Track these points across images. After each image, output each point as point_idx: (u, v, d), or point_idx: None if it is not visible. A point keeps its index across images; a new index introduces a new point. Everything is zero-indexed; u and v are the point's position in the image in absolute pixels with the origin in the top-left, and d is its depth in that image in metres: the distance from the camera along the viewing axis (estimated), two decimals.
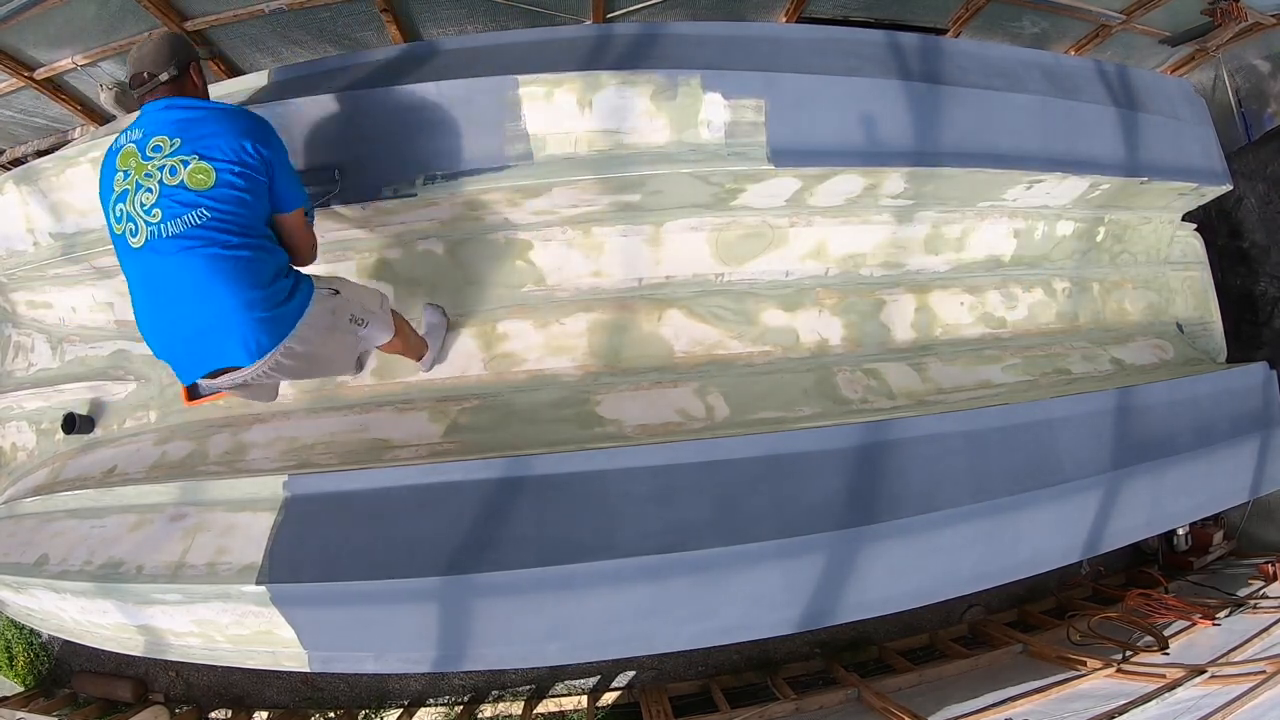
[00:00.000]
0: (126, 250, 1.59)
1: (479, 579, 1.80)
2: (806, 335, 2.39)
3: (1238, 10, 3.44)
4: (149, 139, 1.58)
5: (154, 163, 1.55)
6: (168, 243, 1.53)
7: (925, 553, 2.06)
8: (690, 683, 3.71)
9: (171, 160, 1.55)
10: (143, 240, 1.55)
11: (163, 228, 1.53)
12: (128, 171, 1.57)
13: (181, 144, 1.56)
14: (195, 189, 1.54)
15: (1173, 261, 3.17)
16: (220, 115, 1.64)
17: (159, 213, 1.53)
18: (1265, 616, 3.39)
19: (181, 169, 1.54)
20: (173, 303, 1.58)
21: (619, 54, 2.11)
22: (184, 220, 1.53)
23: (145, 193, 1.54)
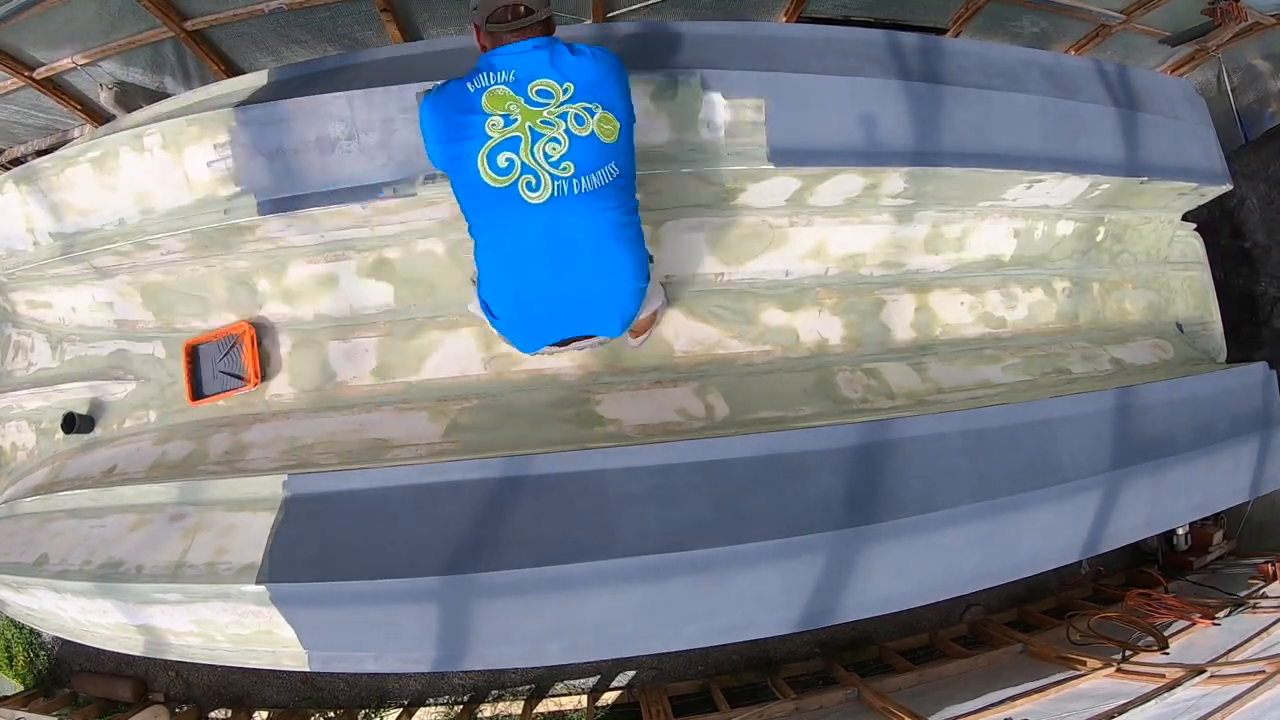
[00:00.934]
0: (514, 204, 1.41)
1: (479, 578, 1.80)
2: (806, 335, 2.39)
3: (1238, 10, 3.44)
4: (528, 82, 1.40)
5: (548, 109, 1.39)
6: (581, 200, 1.40)
7: (925, 552, 2.06)
8: (690, 682, 3.72)
9: (573, 108, 1.40)
10: (547, 195, 1.40)
11: (576, 183, 1.39)
12: (509, 116, 1.39)
13: (576, 90, 1.40)
14: (607, 141, 1.41)
15: (1173, 261, 3.17)
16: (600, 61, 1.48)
17: (571, 165, 1.39)
18: (1265, 616, 3.39)
19: (589, 118, 1.40)
20: (567, 264, 1.46)
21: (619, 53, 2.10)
22: (600, 176, 1.41)
23: (550, 143, 1.39)
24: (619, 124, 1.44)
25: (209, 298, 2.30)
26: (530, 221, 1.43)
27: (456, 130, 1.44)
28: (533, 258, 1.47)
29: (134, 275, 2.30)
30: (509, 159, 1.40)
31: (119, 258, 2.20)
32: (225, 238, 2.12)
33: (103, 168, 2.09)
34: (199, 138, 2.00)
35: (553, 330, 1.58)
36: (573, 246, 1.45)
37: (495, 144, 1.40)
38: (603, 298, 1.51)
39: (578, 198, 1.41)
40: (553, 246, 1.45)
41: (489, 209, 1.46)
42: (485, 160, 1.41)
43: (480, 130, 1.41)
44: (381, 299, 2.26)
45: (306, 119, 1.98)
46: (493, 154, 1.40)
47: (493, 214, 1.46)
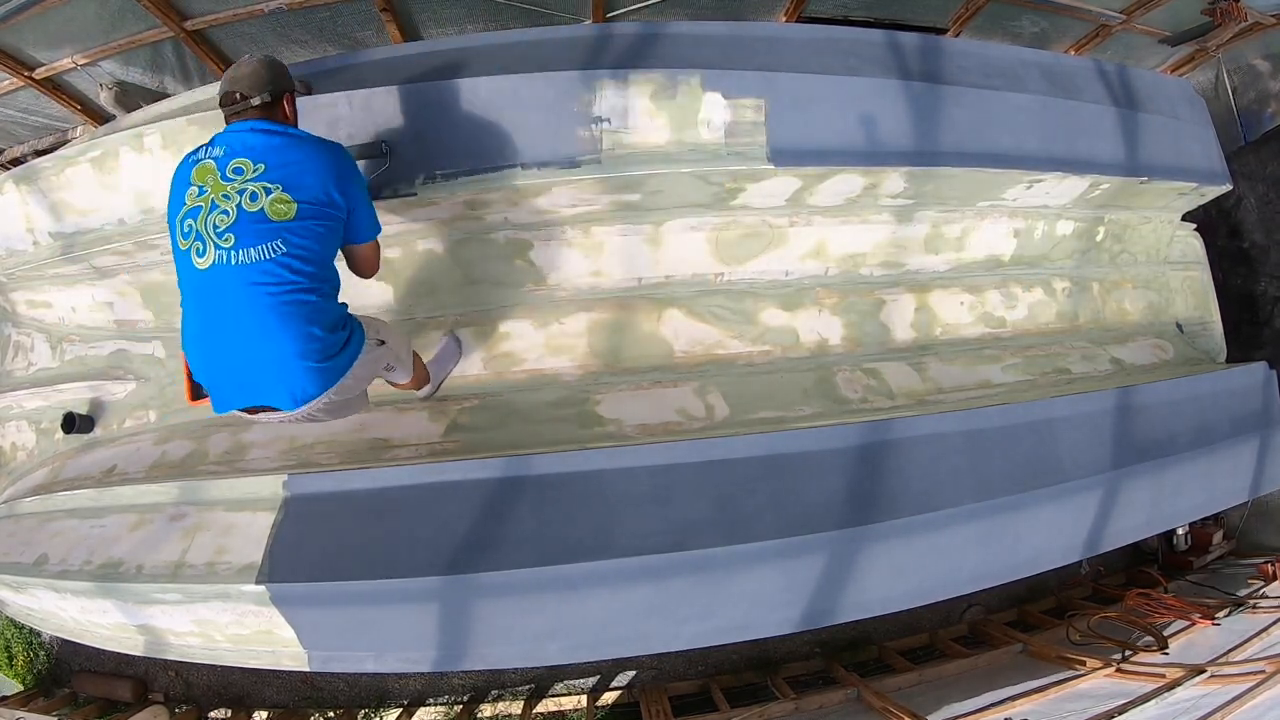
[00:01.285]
0: (189, 268, 1.53)
1: (479, 578, 1.80)
2: (806, 335, 2.39)
3: (1238, 10, 3.43)
4: (230, 159, 1.54)
5: (234, 185, 1.51)
6: (237, 271, 1.48)
7: (925, 552, 2.06)
8: (690, 682, 3.71)
9: (253, 185, 1.50)
10: (209, 263, 1.50)
11: (234, 254, 1.48)
12: (203, 188, 1.53)
13: (265, 170, 1.52)
14: (275, 219, 1.49)
15: (1173, 261, 3.17)
16: (307, 147, 1.60)
17: (232, 238, 1.48)
18: (1265, 616, 3.39)
19: (263, 196, 1.50)
20: (228, 333, 1.53)
21: (619, 53, 2.11)
22: (259, 251, 1.48)
23: (220, 214, 1.49)
24: (295, 205, 1.52)
25: None
26: (196, 285, 1.55)
27: (174, 196, 1.60)
28: (197, 318, 1.58)
29: (134, 275, 2.30)
30: (189, 226, 1.53)
31: (119, 257, 2.20)
32: None
33: (103, 168, 2.09)
34: (199, 137, 1.99)
35: (222, 390, 1.62)
36: (229, 314, 1.52)
37: (186, 211, 1.55)
38: (258, 369, 1.55)
39: (234, 269, 1.49)
40: (210, 310, 1.55)
41: (179, 268, 1.59)
42: (179, 225, 1.55)
43: (181, 197, 1.57)
44: (382, 299, 2.26)
45: (306, 119, 1.98)
46: (183, 220, 1.55)
47: (180, 273, 1.59)
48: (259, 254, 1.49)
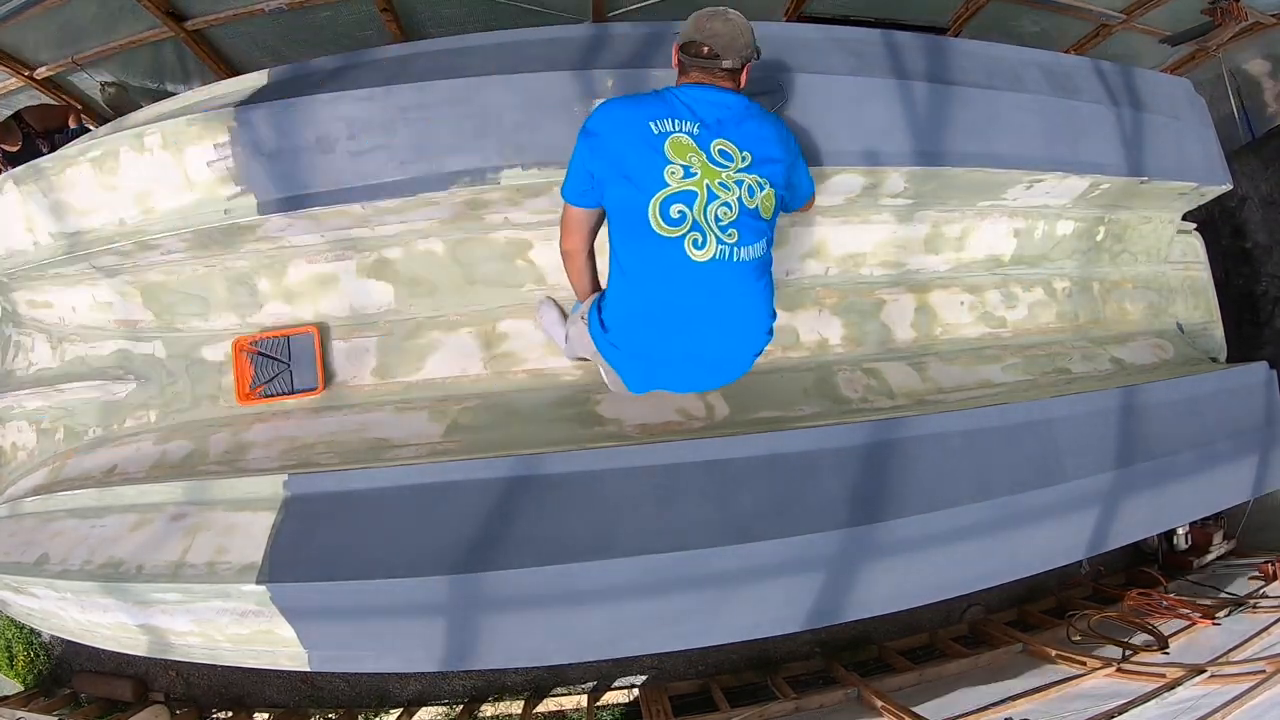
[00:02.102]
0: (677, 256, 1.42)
1: (479, 578, 1.80)
2: (806, 334, 2.39)
3: (1238, 10, 3.44)
4: (712, 138, 1.42)
5: (728, 173, 1.41)
6: (738, 267, 1.43)
7: (925, 552, 2.06)
8: (690, 682, 3.72)
9: (749, 178, 1.43)
10: (709, 255, 1.41)
11: (737, 251, 1.42)
12: (689, 169, 1.40)
13: (753, 161, 1.44)
14: (765, 217, 1.45)
15: (1173, 261, 3.17)
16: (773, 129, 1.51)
17: (736, 234, 1.41)
18: (1265, 616, 3.39)
19: (759, 192, 1.44)
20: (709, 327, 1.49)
21: (619, 53, 2.11)
22: (755, 249, 1.44)
23: (723, 207, 1.41)
24: (775, 203, 1.47)
25: (209, 297, 2.30)
26: (687, 277, 1.44)
27: (632, 166, 1.43)
28: (679, 312, 1.49)
29: (134, 275, 2.30)
30: (681, 211, 1.41)
31: (119, 257, 2.20)
32: (226, 237, 2.12)
33: (103, 167, 2.09)
34: (199, 138, 2.00)
35: (668, 381, 1.61)
36: (720, 310, 1.48)
37: (671, 193, 1.40)
38: (723, 363, 1.56)
39: (736, 265, 1.43)
40: (703, 306, 1.47)
41: (647, 252, 1.46)
42: (657, 207, 1.41)
43: (659, 175, 1.41)
44: (382, 299, 2.26)
45: (306, 119, 1.98)
46: (666, 202, 1.41)
47: (650, 258, 1.46)
48: (755, 251, 1.45)
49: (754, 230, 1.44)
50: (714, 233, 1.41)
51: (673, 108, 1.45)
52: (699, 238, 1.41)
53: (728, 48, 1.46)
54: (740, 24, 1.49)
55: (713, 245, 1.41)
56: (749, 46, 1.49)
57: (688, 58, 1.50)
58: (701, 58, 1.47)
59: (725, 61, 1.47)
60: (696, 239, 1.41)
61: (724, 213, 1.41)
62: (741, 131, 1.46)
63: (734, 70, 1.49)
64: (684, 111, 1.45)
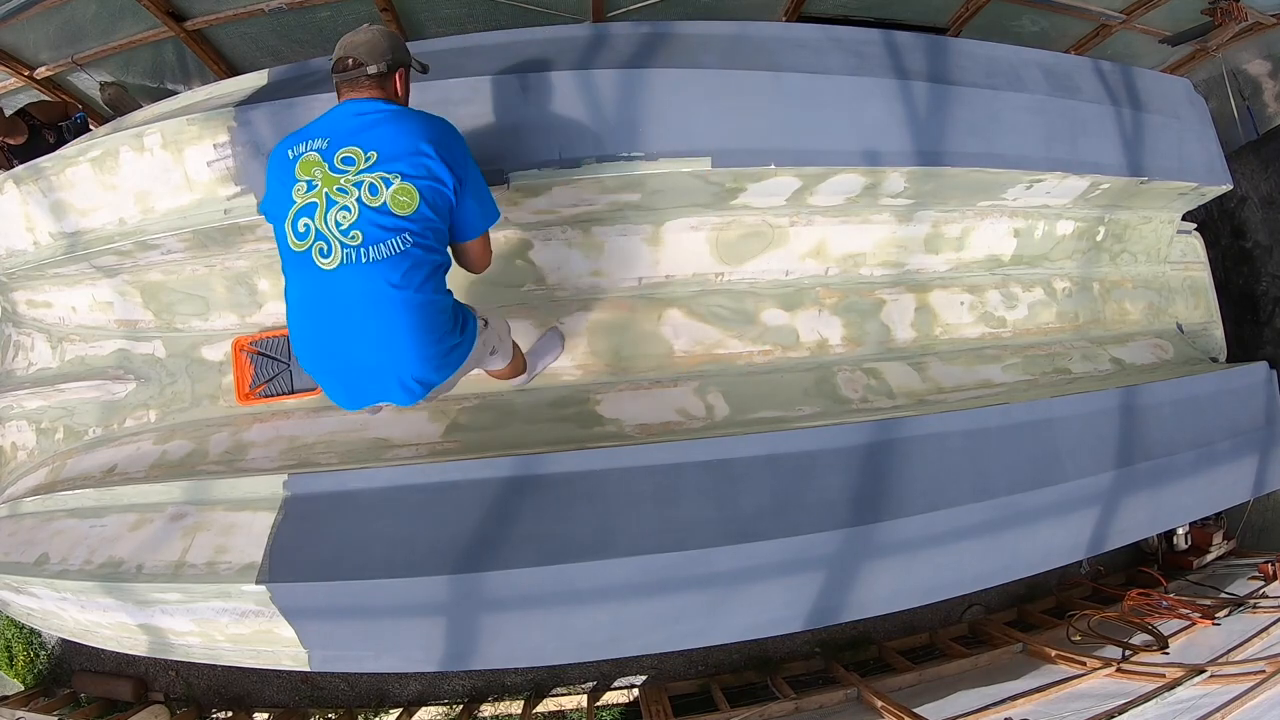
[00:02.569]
0: (310, 269, 1.46)
1: (479, 578, 1.80)
2: (806, 335, 2.39)
3: (1238, 10, 3.43)
4: (337, 149, 1.45)
5: (347, 177, 1.43)
6: (367, 269, 1.42)
7: (926, 552, 2.06)
8: (690, 682, 3.72)
9: (369, 177, 1.43)
10: (337, 262, 1.43)
11: (363, 252, 1.42)
12: (312, 182, 1.44)
13: (378, 159, 1.44)
14: (399, 212, 1.43)
15: (1173, 261, 3.17)
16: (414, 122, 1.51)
17: (359, 235, 1.41)
18: (1265, 616, 3.38)
19: (384, 189, 1.43)
20: (351, 333, 1.48)
21: (618, 53, 2.11)
22: (388, 246, 1.42)
23: (341, 211, 1.42)
24: (417, 195, 1.45)
25: (209, 297, 2.30)
26: (320, 287, 1.47)
27: (276, 192, 1.52)
28: (316, 317, 1.52)
29: (134, 275, 2.30)
30: (306, 224, 1.45)
31: (119, 257, 2.20)
32: (225, 237, 2.12)
33: (103, 167, 2.09)
34: (199, 137, 2.00)
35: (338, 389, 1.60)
36: (354, 314, 1.47)
37: (298, 209, 1.46)
38: (379, 370, 1.53)
39: (364, 267, 1.43)
40: (333, 310, 1.48)
41: (291, 271, 1.52)
42: (290, 224, 1.47)
43: (287, 194, 1.48)
44: None
45: (306, 119, 1.98)
46: (295, 218, 1.46)
47: (293, 277, 1.52)
48: (388, 249, 1.43)
49: (381, 227, 1.42)
50: (336, 238, 1.43)
51: (310, 130, 1.52)
52: (324, 246, 1.44)
53: (372, 53, 1.53)
54: (378, 32, 1.57)
55: (338, 251, 1.43)
56: (391, 51, 1.55)
57: (335, 76, 1.55)
58: (346, 71, 1.53)
59: (369, 68, 1.52)
60: (322, 248, 1.44)
61: (343, 216, 1.43)
62: (372, 135, 1.47)
63: (380, 76, 1.54)
64: (319, 130, 1.51)
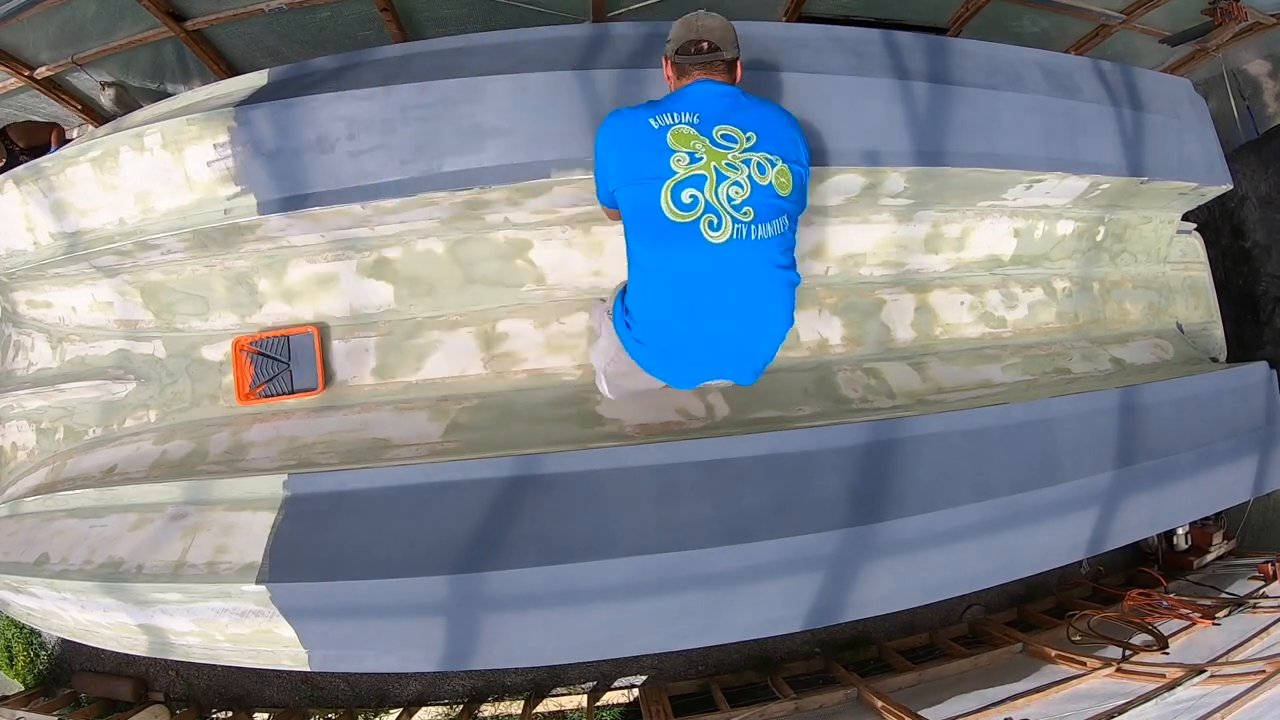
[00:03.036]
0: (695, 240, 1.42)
1: (479, 578, 1.80)
2: (806, 334, 2.39)
3: (1238, 10, 3.43)
4: (713, 125, 1.43)
5: (733, 153, 1.42)
6: (756, 245, 1.42)
7: (926, 552, 2.06)
8: (690, 682, 3.72)
9: (756, 156, 1.42)
10: (727, 235, 1.41)
11: (755, 229, 1.41)
12: (695, 155, 1.41)
13: (758, 140, 1.44)
14: (782, 194, 1.44)
15: (1173, 261, 3.17)
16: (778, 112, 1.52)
17: (751, 211, 1.41)
18: (1265, 616, 3.39)
19: (769, 168, 1.43)
20: (734, 307, 1.48)
21: (619, 53, 2.11)
22: (774, 225, 1.43)
23: (734, 186, 1.40)
24: (793, 179, 1.46)
25: (209, 297, 2.30)
26: (707, 260, 1.44)
27: (639, 164, 1.45)
28: (701, 295, 1.48)
29: (134, 275, 2.30)
30: (693, 195, 1.41)
31: (119, 257, 2.20)
32: (225, 237, 2.12)
33: (103, 167, 2.09)
34: (199, 137, 2.00)
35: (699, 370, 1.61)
36: (742, 291, 1.47)
37: (680, 179, 1.41)
38: (753, 347, 1.54)
39: (754, 243, 1.43)
40: (724, 287, 1.46)
41: (665, 242, 1.45)
42: (669, 195, 1.41)
43: (665, 165, 1.42)
44: (381, 299, 2.26)
45: (306, 119, 1.98)
46: (677, 189, 1.41)
47: (668, 247, 1.46)
48: (774, 229, 1.44)
49: (771, 208, 1.43)
50: (728, 213, 1.41)
51: (670, 105, 1.50)
52: (714, 219, 1.41)
53: (724, 39, 1.52)
54: (724, 21, 1.55)
55: (729, 225, 1.41)
56: (738, 40, 1.55)
57: (686, 58, 1.52)
58: (702, 54, 1.50)
59: (725, 53, 1.51)
60: (712, 220, 1.41)
61: (736, 192, 1.41)
62: (743, 116, 1.47)
63: (732, 61, 1.53)
64: (682, 105, 1.48)
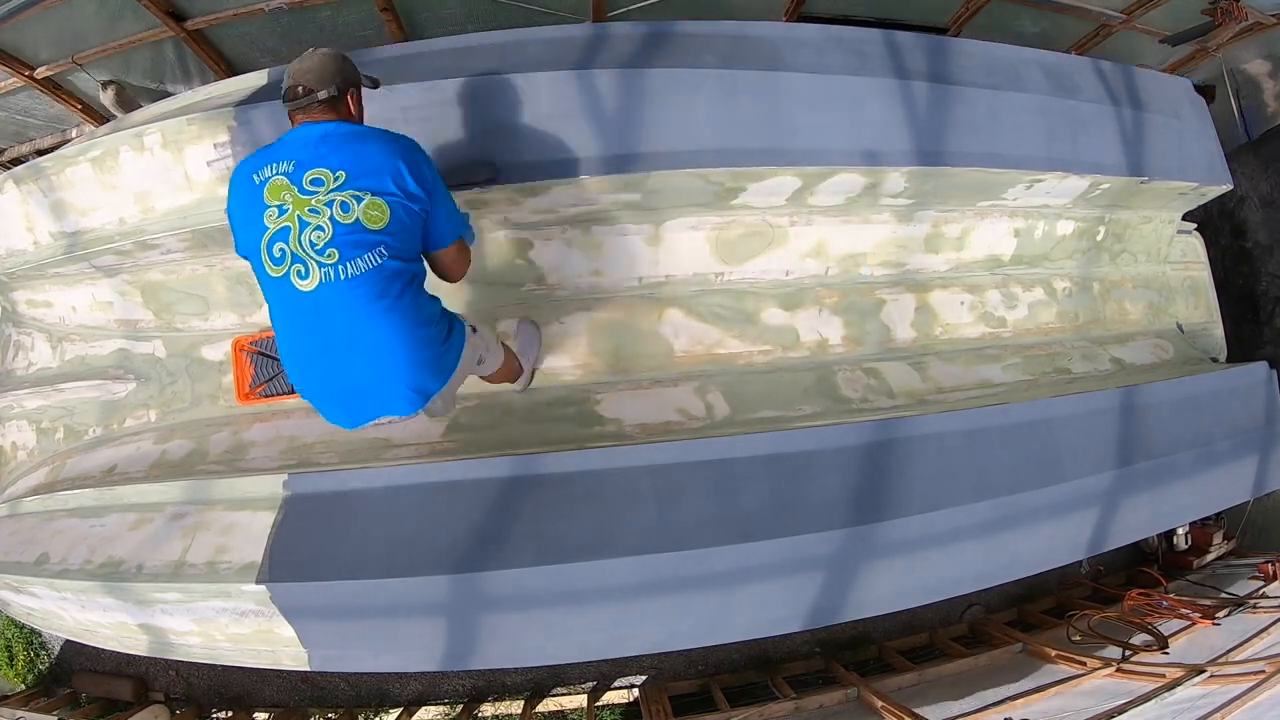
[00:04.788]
0: (290, 291, 1.46)
1: (479, 577, 1.80)
2: (806, 334, 2.39)
3: (1238, 10, 3.43)
4: (304, 171, 1.45)
5: (317, 198, 1.43)
6: (345, 285, 1.44)
7: (926, 551, 2.06)
8: (690, 682, 3.71)
9: (340, 195, 1.43)
10: (315, 283, 1.44)
11: (340, 269, 1.43)
12: (283, 206, 1.44)
13: (347, 178, 1.44)
14: (372, 227, 1.44)
15: (1173, 261, 3.17)
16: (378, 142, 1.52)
17: (335, 253, 1.42)
18: (1265, 616, 3.38)
19: (355, 205, 1.43)
20: (340, 350, 1.49)
21: (619, 53, 2.11)
22: (364, 261, 1.43)
23: (315, 230, 1.42)
24: (388, 209, 1.46)
25: (209, 297, 2.30)
26: (302, 309, 1.48)
27: (245, 220, 1.51)
28: (303, 341, 1.53)
29: (134, 274, 2.30)
30: (282, 249, 1.45)
31: (119, 257, 2.20)
32: (225, 237, 2.10)
33: (103, 167, 2.09)
34: (199, 137, 2.00)
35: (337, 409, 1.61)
36: (339, 333, 1.48)
37: (271, 234, 1.46)
38: (376, 384, 1.54)
39: (343, 284, 1.44)
40: (319, 332, 1.49)
41: (272, 297, 1.52)
42: (265, 250, 1.47)
43: (258, 221, 1.47)
44: None
45: None
46: (270, 244, 1.46)
47: (275, 301, 1.52)
48: (365, 264, 1.44)
49: (356, 244, 1.43)
50: (313, 259, 1.43)
51: (272, 153, 1.51)
52: (301, 268, 1.44)
53: (320, 79, 1.52)
54: (324, 56, 1.56)
55: (315, 272, 1.44)
56: (339, 74, 1.54)
57: (287, 104, 1.54)
58: (297, 99, 1.52)
59: (320, 94, 1.51)
60: (300, 270, 1.44)
61: (317, 236, 1.43)
62: (339, 155, 1.47)
63: (331, 99, 1.53)
64: (282, 153, 1.50)
